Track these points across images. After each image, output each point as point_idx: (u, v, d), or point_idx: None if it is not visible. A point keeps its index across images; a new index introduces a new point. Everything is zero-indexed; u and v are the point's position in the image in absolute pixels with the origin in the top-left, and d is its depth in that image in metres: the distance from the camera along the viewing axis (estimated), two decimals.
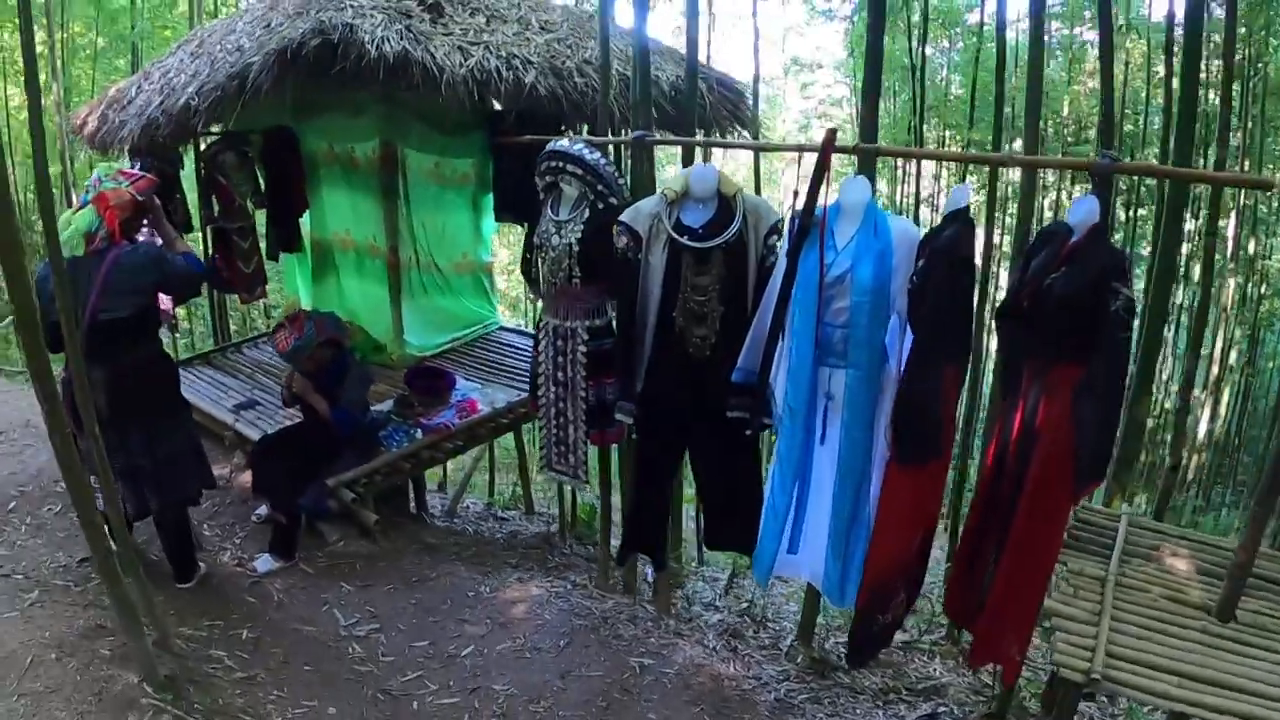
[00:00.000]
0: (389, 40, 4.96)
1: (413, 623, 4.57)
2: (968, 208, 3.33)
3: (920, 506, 3.64)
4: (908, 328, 3.45)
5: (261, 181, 6.56)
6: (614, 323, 4.52)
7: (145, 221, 4.29)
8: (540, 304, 4.84)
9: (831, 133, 3.55)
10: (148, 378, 4.14)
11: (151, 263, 4.02)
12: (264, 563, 4.89)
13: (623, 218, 4.04)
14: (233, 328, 10.18)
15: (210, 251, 6.74)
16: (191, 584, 4.57)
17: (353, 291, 7.05)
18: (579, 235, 4.27)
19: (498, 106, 5.77)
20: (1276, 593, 3.30)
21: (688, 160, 4.70)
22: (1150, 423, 9.15)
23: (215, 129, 6.14)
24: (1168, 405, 11.53)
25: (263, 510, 5.14)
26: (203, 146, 6.57)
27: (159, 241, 4.41)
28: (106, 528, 3.48)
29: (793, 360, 3.69)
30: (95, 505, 3.37)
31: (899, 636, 4.69)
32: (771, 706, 4.25)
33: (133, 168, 5.98)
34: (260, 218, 6.99)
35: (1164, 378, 11.58)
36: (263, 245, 6.98)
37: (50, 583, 4.28)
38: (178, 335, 10.29)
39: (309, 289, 7.20)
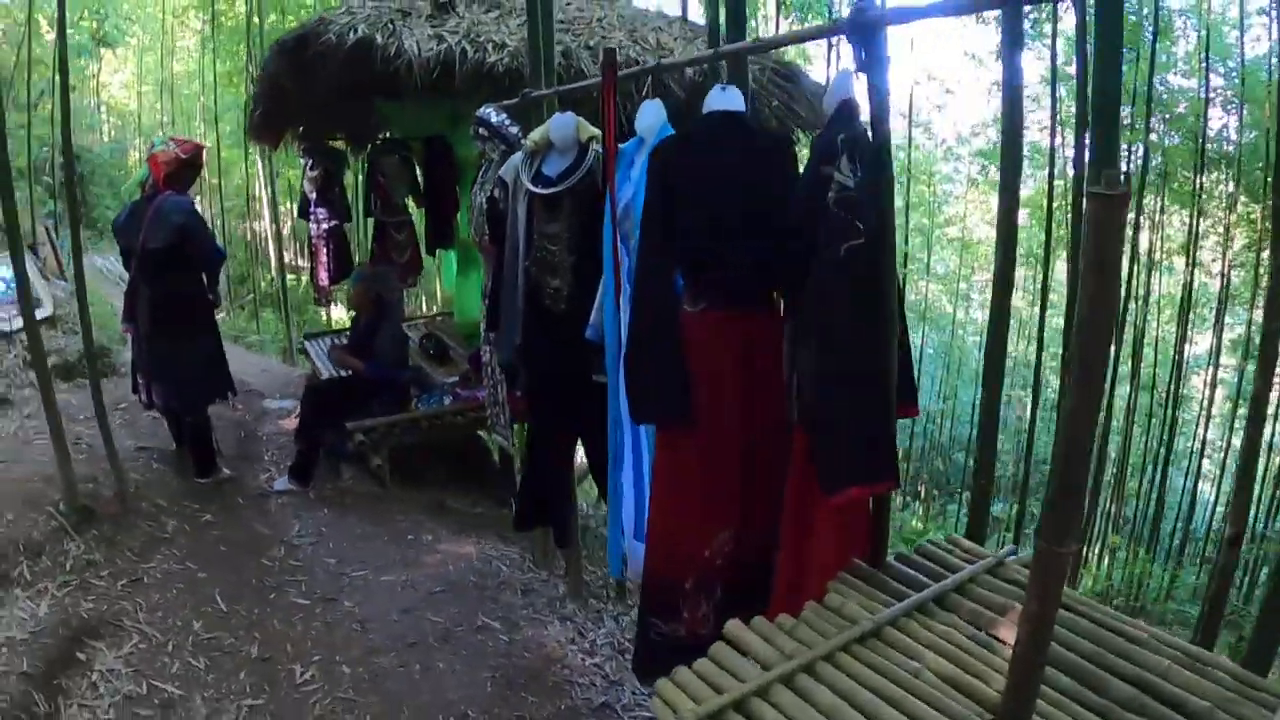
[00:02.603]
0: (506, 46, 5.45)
1: (343, 545, 4.97)
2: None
3: (687, 487, 2.93)
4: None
5: (421, 183, 7.44)
6: None
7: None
8: None
9: (610, 54, 3.45)
10: (177, 302, 5.13)
11: (180, 211, 5.01)
12: (280, 483, 5.61)
13: (500, 171, 4.17)
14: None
15: (370, 241, 7.75)
16: (208, 481, 5.41)
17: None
18: (487, 195, 4.45)
19: None
20: None
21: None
22: None
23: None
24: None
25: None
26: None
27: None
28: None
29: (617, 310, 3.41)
30: None
31: None
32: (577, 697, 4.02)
33: (304, 164, 7.27)
34: (420, 217, 7.87)
35: None
36: (422, 241, 7.84)
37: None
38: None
39: (452, 282, 7.90)
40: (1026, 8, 5.04)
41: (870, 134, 2.32)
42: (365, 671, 3.82)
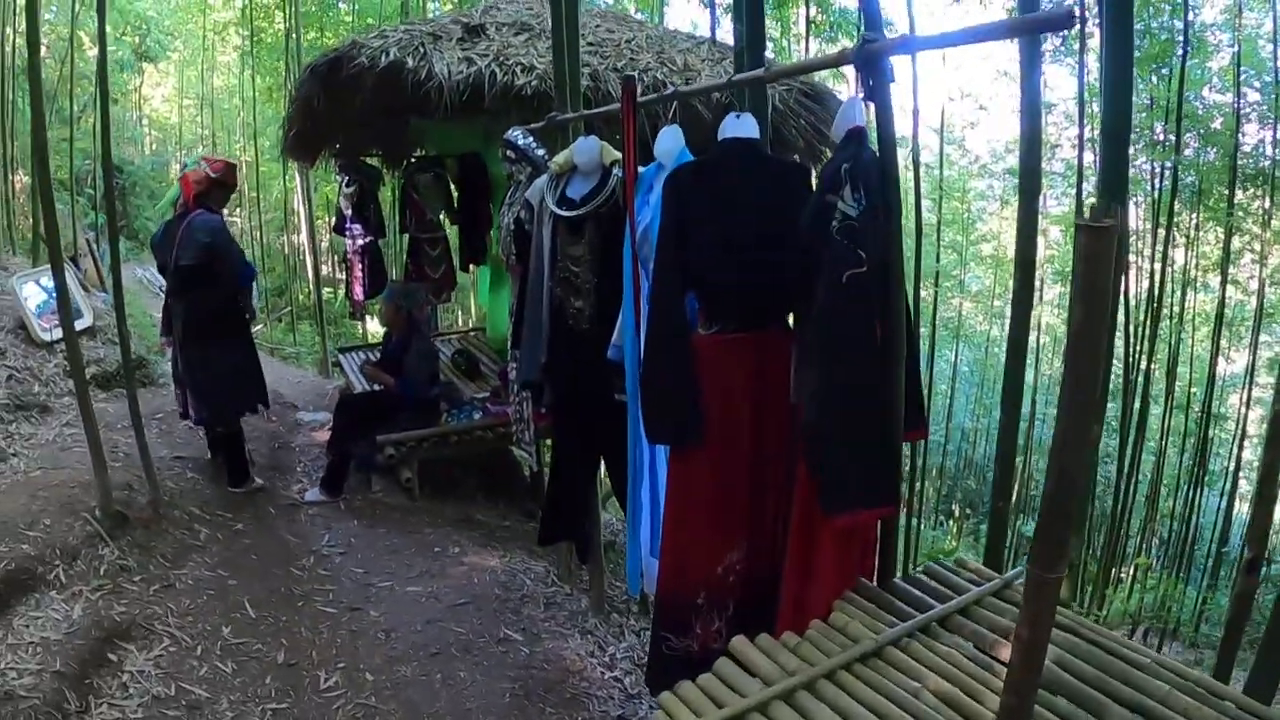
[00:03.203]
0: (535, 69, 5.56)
1: (371, 556, 5.06)
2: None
3: (699, 505, 2.98)
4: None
5: (455, 200, 7.56)
6: None
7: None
8: None
9: (630, 80, 3.52)
10: (207, 317, 5.28)
11: (208, 230, 5.15)
12: (312, 494, 5.73)
13: (526, 193, 4.25)
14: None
15: (405, 256, 7.87)
16: (240, 490, 5.54)
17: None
18: (514, 216, 4.53)
19: None
20: None
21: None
22: None
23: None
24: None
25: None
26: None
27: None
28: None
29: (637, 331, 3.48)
30: None
31: None
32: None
33: (339, 180, 7.45)
34: (454, 233, 7.98)
35: None
36: (456, 256, 7.94)
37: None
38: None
39: (486, 298, 8.01)
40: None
41: (877, 162, 2.38)
42: (387, 679, 3.90)
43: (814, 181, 3.01)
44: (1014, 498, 9.73)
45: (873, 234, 2.29)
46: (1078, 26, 7.94)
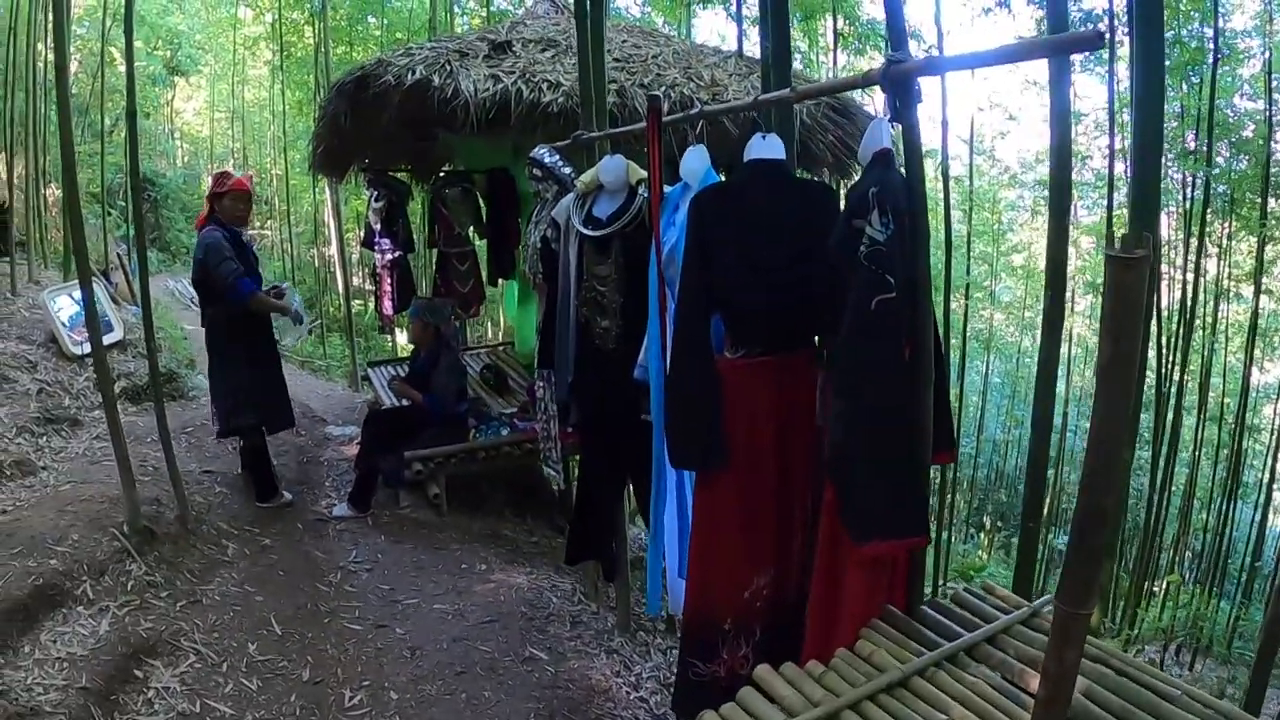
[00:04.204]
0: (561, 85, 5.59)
1: (398, 572, 5.06)
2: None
3: (726, 530, 2.94)
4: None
5: (484, 214, 7.58)
6: None
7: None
8: None
9: (655, 99, 3.51)
10: (212, 326, 5.43)
11: (201, 245, 5.24)
12: (339, 509, 5.75)
13: (553, 211, 4.25)
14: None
15: (433, 271, 7.90)
16: (268, 505, 5.57)
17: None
18: (540, 234, 4.53)
19: None
20: None
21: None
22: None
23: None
24: None
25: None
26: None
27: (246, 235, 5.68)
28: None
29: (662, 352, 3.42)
30: None
31: None
32: None
33: (369, 195, 7.52)
34: (483, 248, 8.00)
35: None
36: (484, 270, 7.95)
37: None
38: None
39: (514, 312, 8.02)
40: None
41: (904, 182, 2.35)
42: (412, 698, 3.90)
43: (841, 203, 3.00)
44: (1045, 512, 9.64)
45: (901, 257, 2.26)
46: (1107, 37, 7.84)
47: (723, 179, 3.22)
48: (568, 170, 4.43)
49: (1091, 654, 2.18)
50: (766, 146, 2.88)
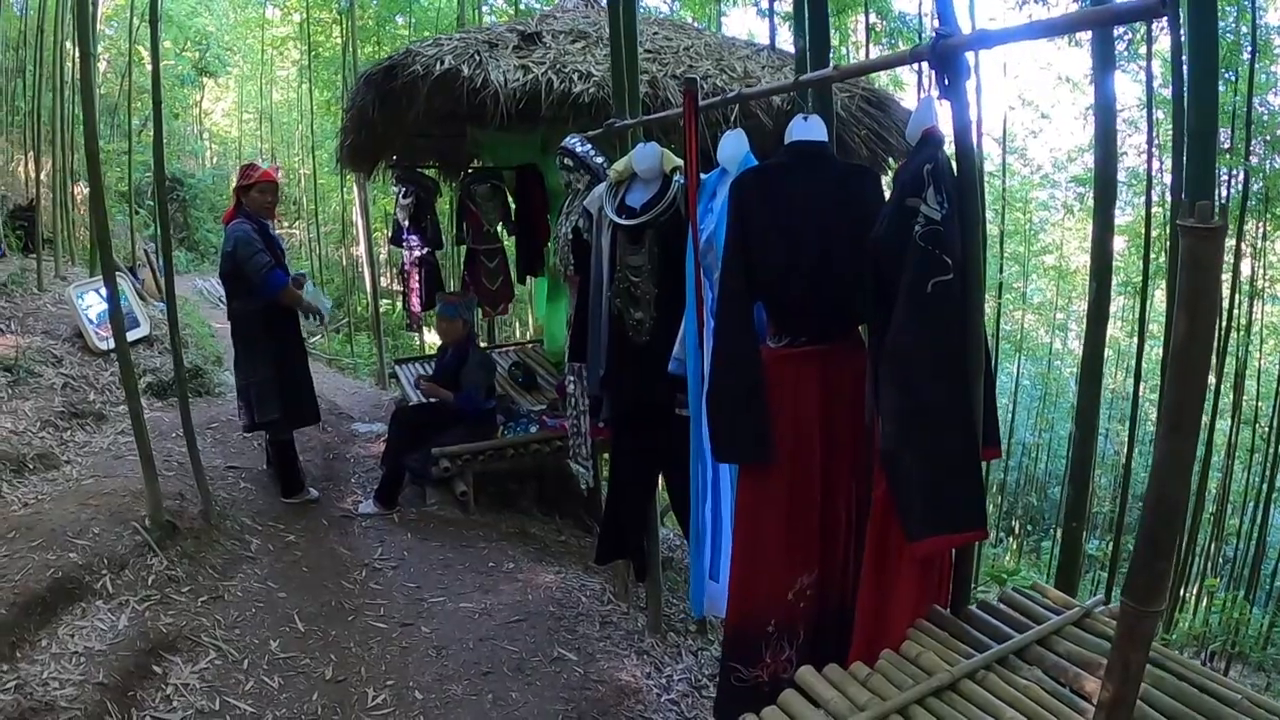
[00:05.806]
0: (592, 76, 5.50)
1: (424, 570, 4.99)
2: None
3: (769, 527, 2.85)
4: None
5: (513, 212, 7.51)
6: None
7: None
8: None
9: (691, 83, 3.42)
10: (238, 320, 5.36)
11: (231, 238, 5.19)
12: (365, 506, 5.69)
13: (585, 201, 4.16)
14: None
15: (462, 268, 7.85)
16: (293, 501, 5.52)
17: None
18: (571, 225, 4.44)
19: None
20: None
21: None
22: None
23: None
24: None
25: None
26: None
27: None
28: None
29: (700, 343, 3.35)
30: None
31: None
32: None
33: (396, 192, 7.48)
34: (512, 245, 7.94)
35: None
36: (513, 268, 7.89)
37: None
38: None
39: (543, 310, 7.95)
40: (1118, 29, 4.88)
41: (955, 163, 2.25)
42: (437, 698, 3.81)
43: (885, 187, 2.89)
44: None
45: (957, 239, 2.15)
46: (1145, 27, 7.70)
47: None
48: (600, 160, 4.33)
49: (1150, 657, 2.07)
50: (808, 128, 2.79)
